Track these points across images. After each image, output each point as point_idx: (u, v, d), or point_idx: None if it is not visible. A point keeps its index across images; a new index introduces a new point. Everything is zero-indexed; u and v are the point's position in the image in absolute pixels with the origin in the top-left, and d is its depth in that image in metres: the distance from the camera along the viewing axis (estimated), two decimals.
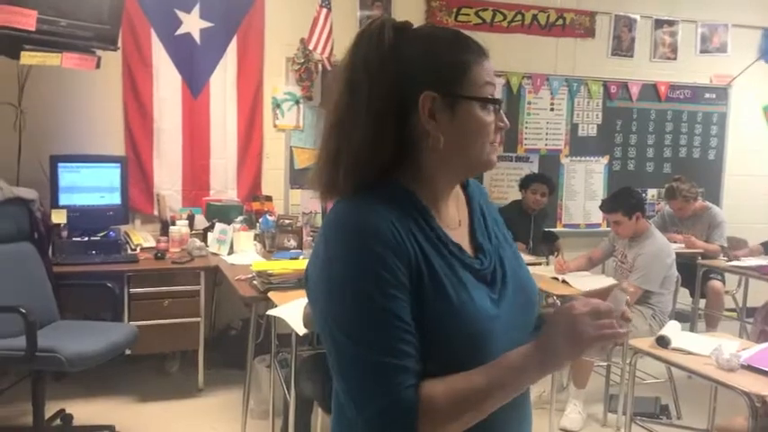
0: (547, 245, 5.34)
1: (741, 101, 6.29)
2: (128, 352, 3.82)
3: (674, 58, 6.10)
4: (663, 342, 2.84)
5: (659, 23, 6.04)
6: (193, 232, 4.57)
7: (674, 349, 2.81)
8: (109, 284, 3.96)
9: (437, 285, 1.08)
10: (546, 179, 5.31)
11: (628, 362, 3.44)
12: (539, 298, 1.27)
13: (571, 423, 3.95)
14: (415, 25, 1.18)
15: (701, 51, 6.18)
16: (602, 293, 1.14)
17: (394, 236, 1.06)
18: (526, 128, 5.76)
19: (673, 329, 2.96)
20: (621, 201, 4.20)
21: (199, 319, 4.18)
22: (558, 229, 5.84)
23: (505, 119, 1.18)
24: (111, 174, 4.49)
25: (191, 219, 4.66)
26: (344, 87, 1.13)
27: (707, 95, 6.21)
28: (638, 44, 5.99)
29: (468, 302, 1.09)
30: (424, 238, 1.11)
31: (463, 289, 1.10)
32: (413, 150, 1.14)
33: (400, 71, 1.11)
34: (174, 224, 4.53)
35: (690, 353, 2.76)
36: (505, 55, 5.57)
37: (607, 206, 4.33)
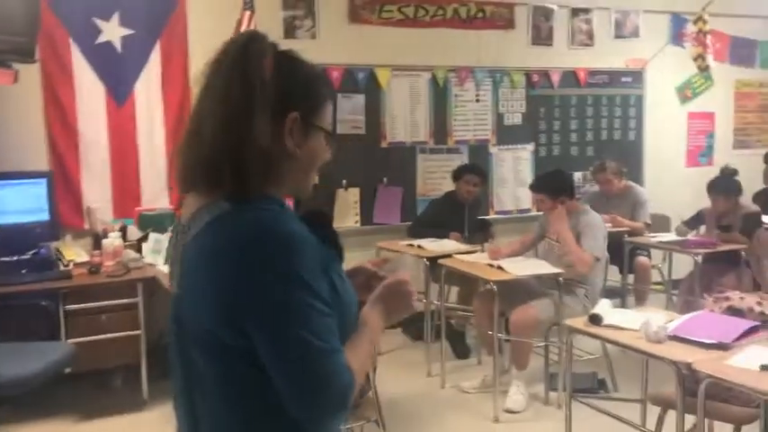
0: (482, 233, 5.46)
1: (655, 83, 6.58)
2: (67, 370, 3.74)
3: (591, 45, 6.33)
4: (595, 320, 2.97)
5: (575, 12, 6.25)
6: (127, 243, 4.48)
7: (607, 326, 2.94)
8: (43, 303, 3.88)
9: (338, 274, 1.26)
10: (478, 169, 5.43)
11: (564, 341, 3.58)
12: None
13: (514, 404, 4.08)
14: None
15: (616, 36, 6.44)
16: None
17: (312, 238, 1.18)
18: (454, 120, 5.88)
19: (604, 307, 3.09)
20: (547, 183, 4.40)
21: (139, 331, 4.11)
22: (492, 216, 5.99)
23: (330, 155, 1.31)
24: (37, 189, 4.36)
25: (123, 230, 4.57)
26: (238, 81, 1.18)
27: (623, 79, 6.48)
28: (557, 32, 6.19)
29: (350, 285, 1.32)
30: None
31: (344, 275, 1.32)
32: (274, 162, 1.20)
33: (282, 84, 1.21)
34: (106, 237, 4.44)
35: (621, 328, 2.90)
36: (430, 50, 5.69)
37: (534, 186, 4.51)
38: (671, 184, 6.53)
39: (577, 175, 6.28)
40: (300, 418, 1.17)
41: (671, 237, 5.25)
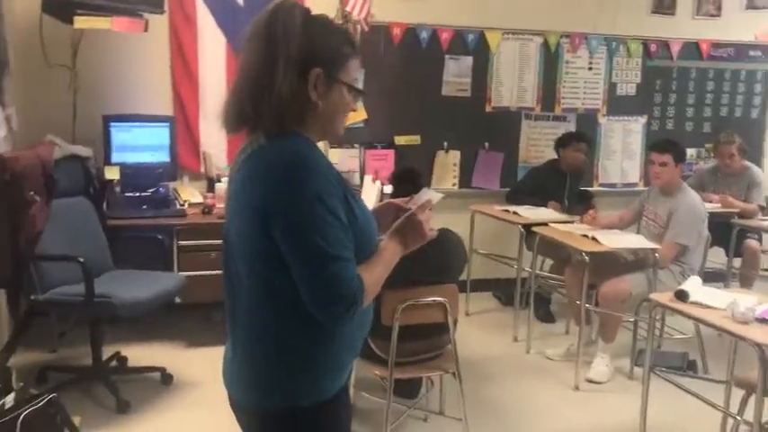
0: (582, 204, 5.39)
1: None
2: (177, 300, 4.07)
3: (718, 15, 6.01)
4: (682, 296, 2.93)
5: None
6: None
7: (693, 303, 2.90)
8: (159, 237, 4.23)
9: (357, 201, 1.46)
10: (585, 137, 5.37)
11: (655, 317, 3.53)
12: None
13: (597, 375, 4.09)
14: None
15: (747, 7, 6.07)
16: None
17: (331, 167, 1.42)
18: (563, 87, 5.78)
19: (693, 284, 3.04)
20: (674, 145, 4.35)
21: None
22: (595, 188, 5.89)
23: (357, 105, 1.46)
24: (161, 133, 4.72)
25: None
26: (265, 43, 1.39)
27: (751, 53, 6.12)
28: (681, 1, 5.91)
29: (369, 213, 1.53)
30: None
31: (362, 202, 1.50)
32: (299, 109, 1.41)
33: (306, 44, 1.40)
34: (219, 181, 4.74)
35: (708, 306, 2.85)
36: (543, 14, 5.60)
37: (661, 146, 4.39)
38: None
39: (690, 152, 6.05)
40: (319, 318, 1.38)
41: None
